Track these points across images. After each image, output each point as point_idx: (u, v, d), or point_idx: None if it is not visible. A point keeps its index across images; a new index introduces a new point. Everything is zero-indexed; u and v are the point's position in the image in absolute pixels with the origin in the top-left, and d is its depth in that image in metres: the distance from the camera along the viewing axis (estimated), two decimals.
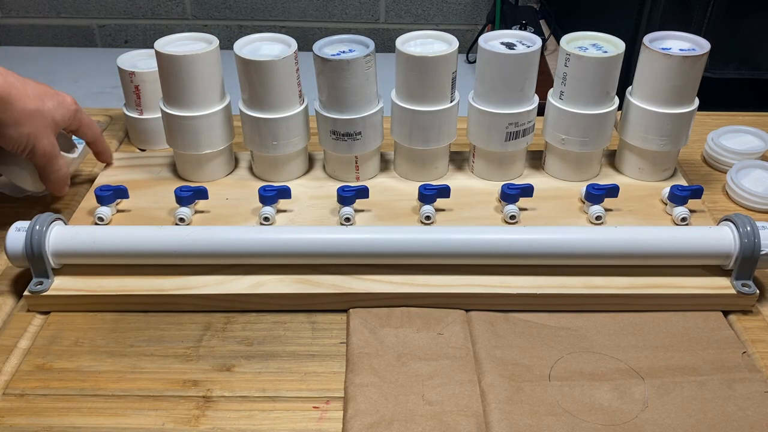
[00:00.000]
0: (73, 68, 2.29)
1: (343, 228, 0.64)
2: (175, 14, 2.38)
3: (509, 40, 0.72)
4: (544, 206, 0.72)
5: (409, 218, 0.70)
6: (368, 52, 0.68)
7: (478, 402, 0.52)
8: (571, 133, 0.72)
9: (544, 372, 0.55)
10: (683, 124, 0.72)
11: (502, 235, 0.63)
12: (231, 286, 0.62)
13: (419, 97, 0.70)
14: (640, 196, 0.73)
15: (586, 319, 0.61)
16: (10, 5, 2.36)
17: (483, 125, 0.72)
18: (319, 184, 0.76)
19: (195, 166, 0.75)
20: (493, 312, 0.61)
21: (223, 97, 0.73)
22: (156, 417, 0.52)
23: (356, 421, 0.51)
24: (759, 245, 0.60)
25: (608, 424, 0.51)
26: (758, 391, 0.54)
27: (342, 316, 0.61)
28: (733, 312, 0.62)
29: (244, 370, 0.56)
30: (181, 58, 0.68)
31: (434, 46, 0.71)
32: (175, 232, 0.62)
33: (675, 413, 0.52)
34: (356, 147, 0.73)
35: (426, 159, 0.75)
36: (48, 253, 0.61)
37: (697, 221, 0.70)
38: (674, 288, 0.62)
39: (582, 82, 0.69)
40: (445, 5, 2.36)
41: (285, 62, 0.68)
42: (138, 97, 0.78)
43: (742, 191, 0.75)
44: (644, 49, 0.70)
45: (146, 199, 0.73)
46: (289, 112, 0.71)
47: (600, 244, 0.62)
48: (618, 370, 0.56)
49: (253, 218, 0.70)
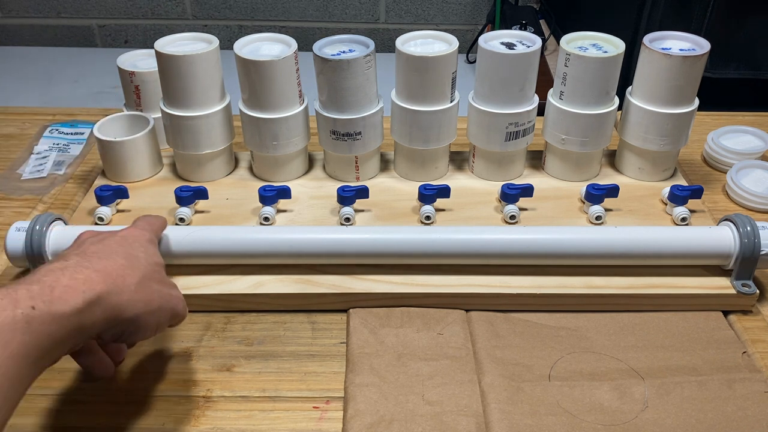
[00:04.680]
0: (73, 68, 2.29)
1: (343, 228, 0.64)
2: (175, 14, 2.38)
3: (509, 40, 0.72)
4: (544, 206, 0.72)
5: (409, 218, 0.70)
6: (368, 52, 0.68)
7: (478, 402, 0.52)
8: (571, 133, 0.72)
9: (544, 372, 0.55)
10: (683, 124, 0.72)
11: (502, 235, 0.63)
12: (231, 286, 0.62)
13: (419, 97, 0.70)
14: (640, 196, 0.73)
15: (586, 319, 0.61)
16: (10, 5, 2.36)
17: (483, 125, 0.72)
18: (319, 184, 0.76)
19: (195, 166, 0.75)
20: (493, 312, 0.61)
21: (223, 97, 0.73)
22: (156, 417, 0.52)
23: (356, 421, 0.51)
24: (759, 245, 0.60)
25: (608, 424, 0.51)
26: (758, 391, 0.54)
27: (342, 316, 0.61)
28: (733, 312, 0.62)
29: (244, 370, 0.56)
30: (181, 58, 0.68)
31: (434, 46, 0.71)
32: (175, 232, 0.62)
33: (675, 413, 0.52)
34: (356, 147, 0.73)
35: (426, 159, 0.75)
36: (48, 253, 0.61)
37: (697, 221, 0.70)
38: (674, 288, 0.62)
39: (582, 82, 0.69)
40: (445, 5, 2.36)
41: (285, 62, 0.68)
42: (138, 97, 0.78)
43: (742, 191, 0.75)
44: (644, 49, 0.70)
45: (146, 199, 0.73)
46: (289, 112, 0.71)
47: (600, 244, 0.62)
48: (618, 370, 0.56)
49: (253, 218, 0.70)
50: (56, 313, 0.39)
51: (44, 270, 0.42)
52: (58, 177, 0.80)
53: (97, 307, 0.42)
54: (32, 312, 0.38)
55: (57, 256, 0.48)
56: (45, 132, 0.89)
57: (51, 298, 0.40)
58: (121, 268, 0.46)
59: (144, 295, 0.46)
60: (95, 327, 0.42)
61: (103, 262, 0.45)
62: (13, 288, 0.39)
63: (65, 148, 0.85)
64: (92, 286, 0.42)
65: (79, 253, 0.47)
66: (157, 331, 0.48)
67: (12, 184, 0.79)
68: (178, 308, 0.50)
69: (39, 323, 0.38)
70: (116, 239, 0.50)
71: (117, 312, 0.44)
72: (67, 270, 0.43)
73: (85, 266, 0.44)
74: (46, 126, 0.90)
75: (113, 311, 0.43)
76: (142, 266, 0.48)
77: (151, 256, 0.50)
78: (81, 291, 0.41)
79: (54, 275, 0.42)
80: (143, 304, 0.46)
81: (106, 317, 0.43)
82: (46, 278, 0.41)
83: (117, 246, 0.48)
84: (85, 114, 0.94)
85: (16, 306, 0.38)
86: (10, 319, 0.37)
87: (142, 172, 0.76)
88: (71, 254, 0.46)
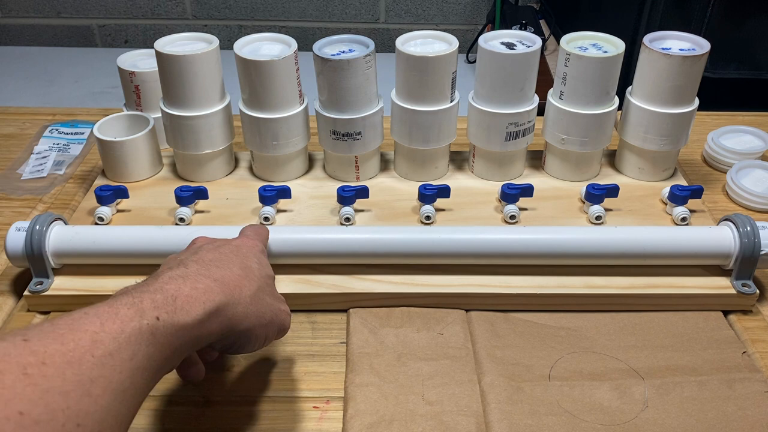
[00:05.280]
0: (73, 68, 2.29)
1: (343, 228, 0.64)
2: (175, 14, 2.38)
3: (509, 40, 0.72)
4: (544, 206, 0.72)
5: (409, 218, 0.70)
6: (368, 52, 0.68)
7: (478, 402, 0.52)
8: (571, 133, 0.72)
9: (544, 372, 0.55)
10: (683, 124, 0.72)
11: (502, 235, 0.63)
12: None
13: (419, 97, 0.70)
14: (640, 196, 0.73)
15: (586, 319, 0.61)
16: (10, 5, 2.36)
17: (483, 125, 0.72)
18: (319, 184, 0.76)
19: (195, 166, 0.75)
20: (493, 312, 0.61)
21: (223, 97, 0.73)
22: (156, 417, 0.52)
23: (356, 421, 0.51)
24: (759, 245, 0.60)
25: (608, 424, 0.51)
26: (758, 391, 0.54)
27: (342, 316, 0.61)
28: (733, 312, 0.62)
29: (243, 370, 0.56)
30: (181, 58, 0.68)
31: (434, 46, 0.71)
32: (175, 232, 0.62)
33: (675, 413, 0.52)
34: (356, 147, 0.73)
35: (426, 159, 0.75)
36: (48, 252, 0.61)
37: (697, 221, 0.70)
38: (674, 288, 0.62)
39: (582, 82, 0.69)
40: (445, 5, 2.36)
41: (285, 62, 0.68)
42: (138, 97, 0.78)
43: (742, 191, 0.75)
44: (644, 49, 0.70)
45: (146, 199, 0.73)
46: (289, 112, 0.71)
47: (600, 244, 0.62)
48: (618, 370, 0.56)
49: (253, 218, 0.70)
50: (179, 324, 0.39)
51: (165, 277, 0.42)
52: (58, 177, 0.80)
53: (215, 318, 0.41)
54: (157, 323, 0.38)
55: (173, 260, 0.47)
56: (45, 132, 0.89)
57: (174, 308, 0.39)
58: (238, 278, 0.45)
59: (257, 308, 0.45)
60: (210, 337, 0.42)
61: (221, 272, 0.44)
62: (137, 296, 0.39)
63: (65, 148, 0.85)
64: (212, 296, 0.42)
65: (197, 260, 0.46)
66: (264, 344, 0.48)
67: (12, 184, 0.79)
68: (286, 323, 0.49)
69: (163, 335, 0.38)
70: (231, 248, 0.49)
71: (232, 324, 0.43)
72: (189, 279, 0.42)
73: (205, 275, 0.43)
74: (46, 126, 0.90)
75: (229, 323, 0.43)
76: (257, 278, 0.47)
77: (263, 267, 0.49)
78: (201, 302, 0.41)
79: (176, 284, 0.41)
80: (256, 318, 0.45)
81: (222, 328, 0.42)
82: (168, 287, 0.40)
83: (233, 255, 0.48)
84: (85, 114, 0.94)
85: (142, 317, 0.37)
86: (136, 330, 0.36)
87: (142, 172, 0.76)
88: (189, 260, 0.45)
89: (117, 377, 0.34)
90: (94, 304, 0.37)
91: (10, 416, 0.29)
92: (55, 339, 0.33)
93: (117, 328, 0.36)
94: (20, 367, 0.31)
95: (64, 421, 0.31)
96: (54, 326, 0.34)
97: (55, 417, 0.31)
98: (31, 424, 0.30)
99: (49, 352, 0.32)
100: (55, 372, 0.32)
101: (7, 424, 0.29)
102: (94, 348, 0.34)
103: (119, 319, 0.36)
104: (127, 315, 0.37)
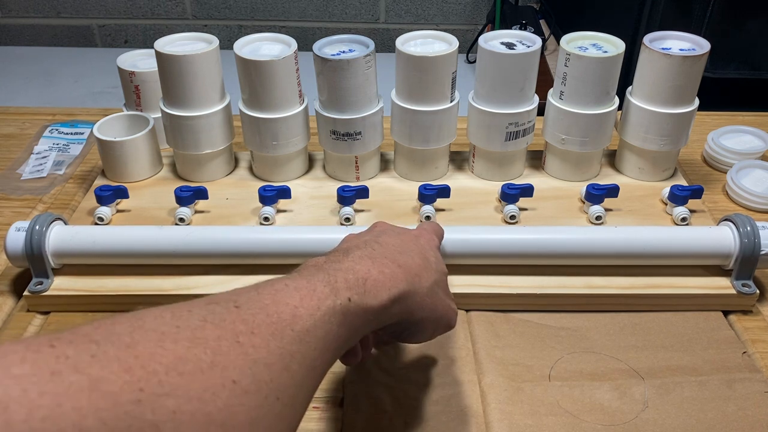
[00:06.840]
0: (73, 68, 2.29)
1: (343, 228, 0.64)
2: (175, 14, 2.38)
3: (509, 40, 0.72)
4: (544, 206, 0.72)
5: (409, 218, 0.70)
6: (368, 52, 0.68)
7: (478, 402, 0.52)
8: (571, 133, 0.72)
9: (544, 372, 0.55)
10: (683, 124, 0.72)
11: (502, 235, 0.63)
12: (231, 286, 0.61)
13: (419, 97, 0.70)
14: (640, 196, 0.73)
15: (586, 319, 0.61)
16: (10, 5, 2.36)
17: (483, 125, 0.72)
18: (319, 184, 0.76)
19: (195, 166, 0.75)
20: (493, 312, 0.61)
21: (223, 97, 0.73)
22: None
23: (356, 422, 0.51)
24: (759, 245, 0.60)
25: (608, 424, 0.51)
26: (758, 391, 0.54)
27: None
28: (733, 312, 0.62)
29: None
30: (181, 58, 0.68)
31: (434, 46, 0.71)
32: (175, 232, 0.62)
33: (675, 413, 0.52)
34: (356, 147, 0.73)
35: (426, 159, 0.75)
36: (48, 253, 0.61)
37: (697, 221, 0.70)
38: (674, 288, 0.62)
39: (582, 82, 0.69)
40: (445, 5, 2.36)
41: (285, 62, 0.68)
42: (138, 97, 0.78)
43: (742, 191, 0.75)
44: (644, 49, 0.70)
45: (146, 199, 0.73)
46: (289, 112, 0.71)
47: (600, 244, 0.62)
48: (618, 370, 0.56)
49: (253, 218, 0.70)
50: (366, 307, 0.39)
51: (355, 256, 0.41)
52: (58, 177, 0.80)
53: (396, 304, 0.41)
54: (348, 304, 0.37)
55: (356, 239, 0.47)
56: (45, 132, 0.89)
57: (364, 290, 0.39)
58: (419, 267, 0.44)
59: (432, 301, 0.45)
60: (387, 322, 0.42)
61: (404, 258, 0.44)
62: (332, 274, 0.38)
63: (65, 148, 0.85)
64: (396, 283, 0.41)
65: (382, 243, 0.45)
66: (431, 337, 0.47)
67: (12, 184, 0.79)
68: (453, 321, 0.48)
69: (352, 316, 0.38)
70: (411, 237, 0.48)
71: (409, 312, 0.43)
72: (376, 262, 0.42)
73: (390, 259, 0.43)
74: (46, 126, 0.90)
75: (407, 310, 0.42)
76: (434, 271, 0.46)
77: (440, 262, 0.48)
78: (387, 287, 0.40)
79: (364, 265, 0.41)
80: (429, 310, 0.45)
81: (400, 315, 0.42)
82: (358, 267, 0.40)
83: (413, 245, 0.47)
84: (85, 114, 0.94)
85: (336, 296, 0.37)
86: (330, 309, 0.36)
87: (142, 172, 0.76)
88: (373, 242, 0.45)
89: (311, 353, 0.34)
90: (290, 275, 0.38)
91: (225, 384, 0.29)
92: (261, 309, 0.33)
93: (314, 304, 0.36)
94: (234, 334, 0.31)
95: (267, 393, 0.30)
96: (259, 295, 0.35)
97: (260, 389, 0.30)
98: (241, 394, 0.29)
99: (257, 321, 0.32)
100: (262, 343, 0.32)
101: (222, 391, 0.29)
102: (294, 323, 0.34)
103: (316, 296, 0.36)
104: (323, 293, 0.37)
